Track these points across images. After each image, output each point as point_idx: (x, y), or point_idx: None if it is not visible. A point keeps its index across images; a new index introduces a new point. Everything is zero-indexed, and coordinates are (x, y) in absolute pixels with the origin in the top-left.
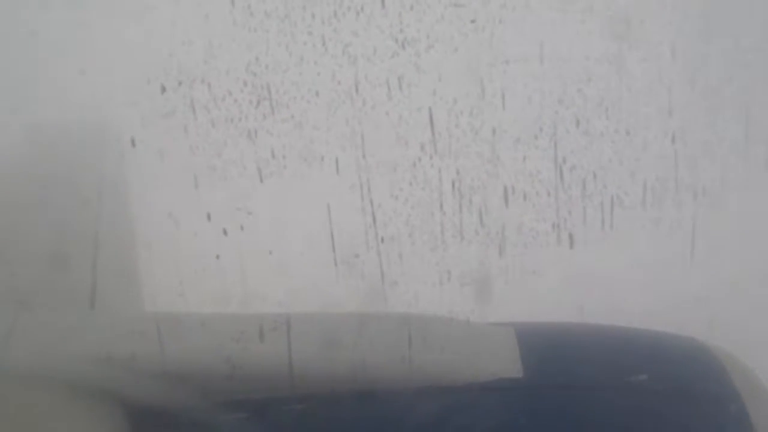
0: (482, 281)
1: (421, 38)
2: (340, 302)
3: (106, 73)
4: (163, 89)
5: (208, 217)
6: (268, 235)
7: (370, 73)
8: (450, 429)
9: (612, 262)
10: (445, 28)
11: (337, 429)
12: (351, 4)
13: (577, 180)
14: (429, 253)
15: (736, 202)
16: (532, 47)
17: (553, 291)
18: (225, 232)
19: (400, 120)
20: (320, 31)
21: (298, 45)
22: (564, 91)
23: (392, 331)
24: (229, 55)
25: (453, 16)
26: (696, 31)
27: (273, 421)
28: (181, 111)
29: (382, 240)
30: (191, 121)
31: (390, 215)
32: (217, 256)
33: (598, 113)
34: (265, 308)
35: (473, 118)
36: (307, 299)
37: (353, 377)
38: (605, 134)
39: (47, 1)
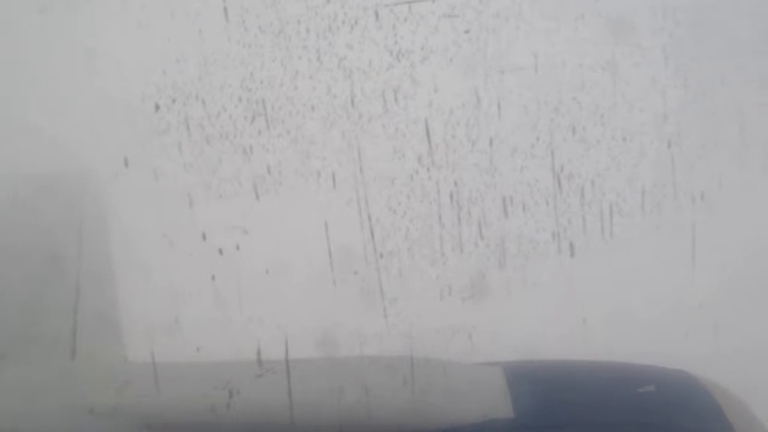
0: (483, 294)
1: (416, 50)
2: (340, 321)
3: (99, 92)
4: (157, 107)
5: (203, 236)
6: (264, 254)
7: (366, 86)
8: None
9: (613, 270)
10: (439, 39)
11: None
12: (345, 18)
13: (575, 188)
14: (429, 267)
15: (734, 205)
16: (526, 56)
17: (555, 301)
18: (221, 252)
19: (397, 132)
20: (315, 46)
21: (293, 60)
22: (559, 99)
23: (385, 376)
24: (224, 71)
25: (447, 27)
26: (688, 34)
27: None
28: (175, 128)
29: (381, 255)
30: (185, 139)
31: (388, 230)
32: (213, 277)
33: (594, 120)
34: (263, 329)
35: (470, 129)
36: (306, 319)
37: (351, 423)
38: (601, 141)
39: (41, 19)
